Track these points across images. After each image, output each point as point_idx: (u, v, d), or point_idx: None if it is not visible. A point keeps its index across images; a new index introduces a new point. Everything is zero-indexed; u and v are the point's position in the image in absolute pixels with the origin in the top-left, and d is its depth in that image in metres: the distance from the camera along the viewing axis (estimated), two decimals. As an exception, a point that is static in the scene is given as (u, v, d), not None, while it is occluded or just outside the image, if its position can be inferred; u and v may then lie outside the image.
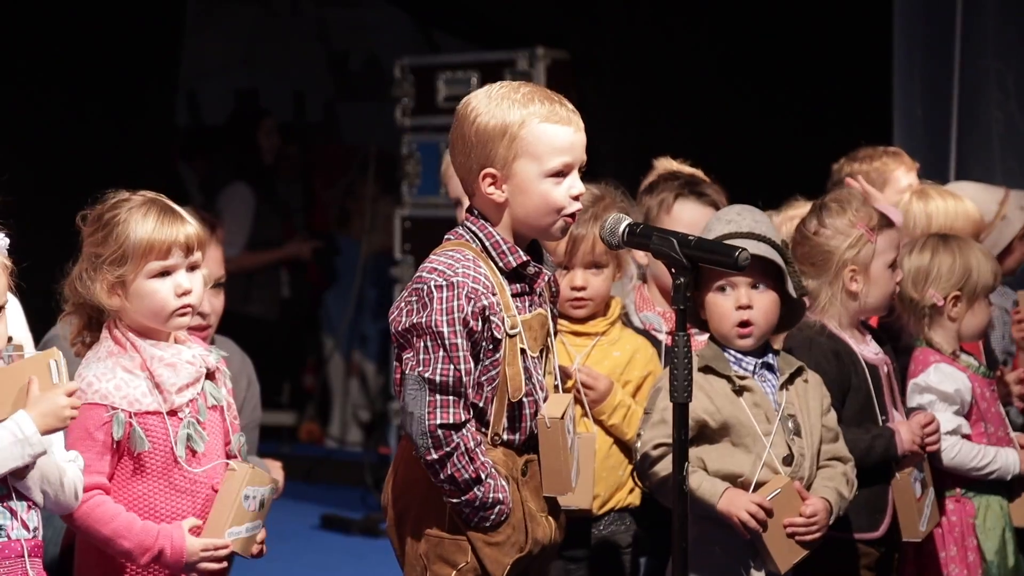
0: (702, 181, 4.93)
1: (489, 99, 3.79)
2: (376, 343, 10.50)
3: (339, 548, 8.07)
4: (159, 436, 3.77)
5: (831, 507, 4.24)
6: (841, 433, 4.40)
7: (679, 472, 3.67)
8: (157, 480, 3.78)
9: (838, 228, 4.62)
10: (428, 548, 3.82)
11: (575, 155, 3.79)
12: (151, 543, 3.72)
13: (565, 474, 3.84)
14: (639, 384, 4.56)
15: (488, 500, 3.75)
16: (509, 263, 3.80)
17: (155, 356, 3.80)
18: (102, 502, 3.72)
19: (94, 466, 3.71)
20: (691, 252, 3.71)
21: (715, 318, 4.28)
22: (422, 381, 3.71)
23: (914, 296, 4.86)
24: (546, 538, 3.88)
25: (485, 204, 3.82)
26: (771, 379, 4.31)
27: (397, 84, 8.61)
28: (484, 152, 3.76)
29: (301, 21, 12.53)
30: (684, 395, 3.66)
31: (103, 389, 3.74)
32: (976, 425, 4.85)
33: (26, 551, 3.55)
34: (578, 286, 4.50)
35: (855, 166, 5.81)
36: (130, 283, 3.77)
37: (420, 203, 8.53)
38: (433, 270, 3.76)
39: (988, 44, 6.91)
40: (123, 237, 3.76)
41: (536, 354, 3.86)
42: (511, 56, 8.18)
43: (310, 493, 8.98)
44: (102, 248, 3.77)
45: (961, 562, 4.78)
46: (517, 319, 3.79)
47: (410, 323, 3.74)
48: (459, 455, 3.71)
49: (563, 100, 3.82)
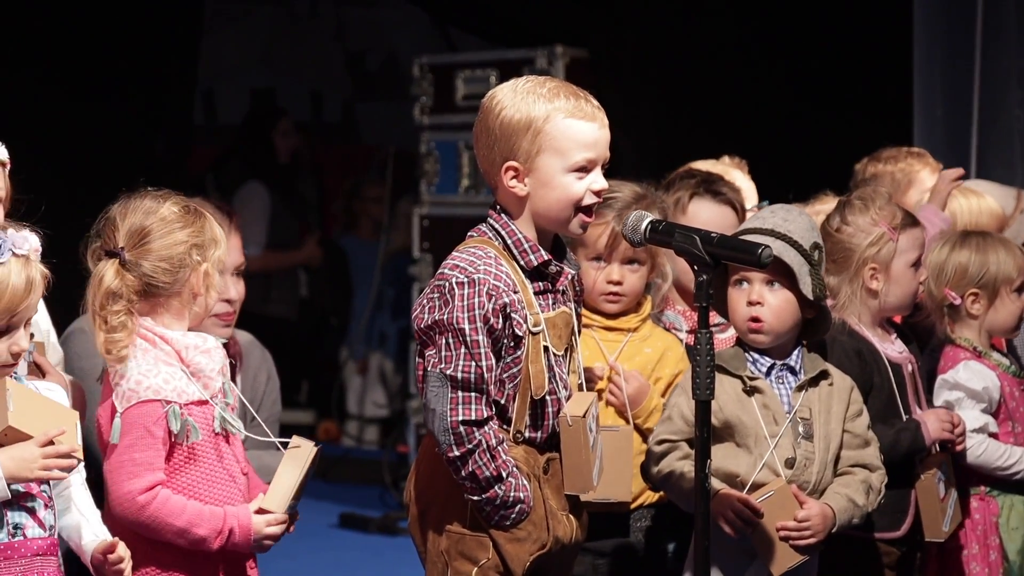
0: (719, 179, 4.90)
1: (515, 93, 3.79)
2: (395, 342, 10.50)
3: (357, 546, 8.08)
4: (205, 424, 3.79)
5: (832, 514, 4.15)
6: (873, 440, 4.33)
7: (702, 469, 3.67)
8: (206, 468, 3.80)
9: (860, 226, 4.61)
10: (449, 544, 3.82)
11: (599, 151, 3.79)
12: (222, 525, 3.74)
13: (587, 472, 3.83)
14: (670, 381, 4.54)
15: (509, 499, 3.75)
16: (531, 262, 3.80)
17: (189, 345, 3.81)
18: (168, 495, 3.72)
19: (155, 462, 3.72)
20: (714, 249, 3.71)
21: (732, 312, 4.27)
22: (444, 378, 3.72)
23: (935, 294, 4.85)
24: (567, 536, 3.88)
25: (507, 197, 3.82)
26: (791, 381, 4.26)
27: (416, 83, 8.61)
28: (508, 145, 3.76)
29: (319, 21, 12.55)
30: (707, 392, 3.66)
31: (154, 384, 3.73)
32: (1004, 424, 4.83)
33: (42, 550, 3.55)
34: (615, 280, 4.48)
35: (879, 167, 5.78)
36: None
37: (438, 201, 8.54)
38: (455, 267, 3.76)
39: (1009, 43, 6.90)
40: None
41: (560, 352, 3.85)
42: (530, 55, 8.17)
43: (328, 492, 8.97)
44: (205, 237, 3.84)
45: (983, 560, 4.76)
46: (540, 317, 3.78)
47: (432, 320, 3.74)
48: (480, 452, 3.71)
49: (588, 96, 3.82)
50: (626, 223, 3.85)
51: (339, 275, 10.94)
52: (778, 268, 4.15)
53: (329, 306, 10.95)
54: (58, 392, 3.70)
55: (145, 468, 3.70)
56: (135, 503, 3.69)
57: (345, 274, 10.96)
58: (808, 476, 4.20)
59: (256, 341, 4.85)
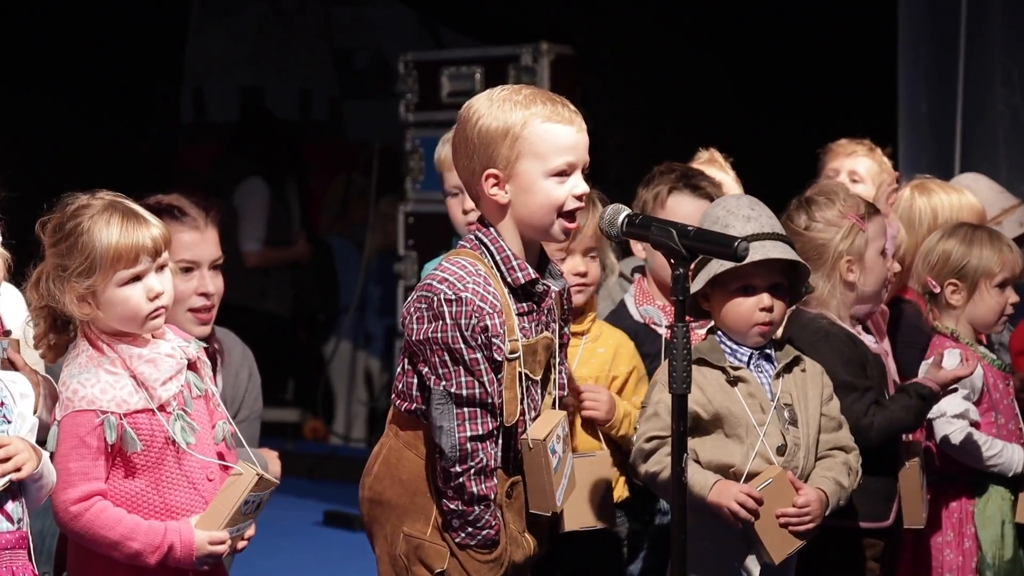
0: (698, 174, 4.90)
1: (491, 101, 3.79)
2: (380, 340, 10.49)
3: (342, 544, 8.06)
4: (150, 434, 3.74)
5: (826, 497, 4.22)
6: (845, 422, 4.38)
7: (678, 463, 3.66)
8: (150, 478, 3.75)
9: (829, 220, 4.61)
10: (408, 549, 3.83)
11: (578, 155, 3.79)
12: (160, 541, 3.69)
13: (550, 493, 3.85)
14: (625, 380, 4.55)
15: (482, 520, 3.78)
16: (518, 279, 3.79)
17: (133, 354, 3.76)
18: (104, 507, 3.69)
19: (91, 472, 3.68)
20: (690, 243, 3.71)
21: (736, 317, 4.26)
22: (447, 395, 3.73)
23: (921, 280, 4.90)
24: (524, 557, 3.91)
25: (489, 206, 3.82)
26: (768, 369, 4.30)
27: (401, 79, 8.61)
28: (487, 153, 3.76)
29: (307, 19, 12.52)
30: (683, 386, 3.65)
31: (89, 395, 3.70)
32: (987, 415, 4.84)
33: (10, 544, 3.53)
34: (581, 272, 4.49)
35: None
36: (101, 292, 3.72)
37: (423, 199, 8.52)
38: (443, 280, 3.75)
39: (993, 40, 6.90)
40: (89, 248, 3.69)
41: (537, 377, 3.86)
42: (515, 52, 8.17)
43: (313, 489, 8.97)
44: (68, 260, 3.71)
45: (957, 548, 4.79)
46: (519, 343, 3.78)
47: (424, 336, 3.74)
48: (478, 469, 3.73)
49: (565, 101, 3.82)
50: (603, 216, 3.85)
51: (326, 273, 10.93)
52: (779, 270, 4.23)
53: (317, 303, 10.95)
54: (22, 383, 3.67)
55: (80, 478, 3.67)
56: (68, 512, 3.67)
57: (332, 272, 10.96)
58: (797, 462, 4.24)
59: (237, 338, 4.82)
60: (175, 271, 3.88)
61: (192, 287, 4.40)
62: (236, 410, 4.61)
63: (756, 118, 8.12)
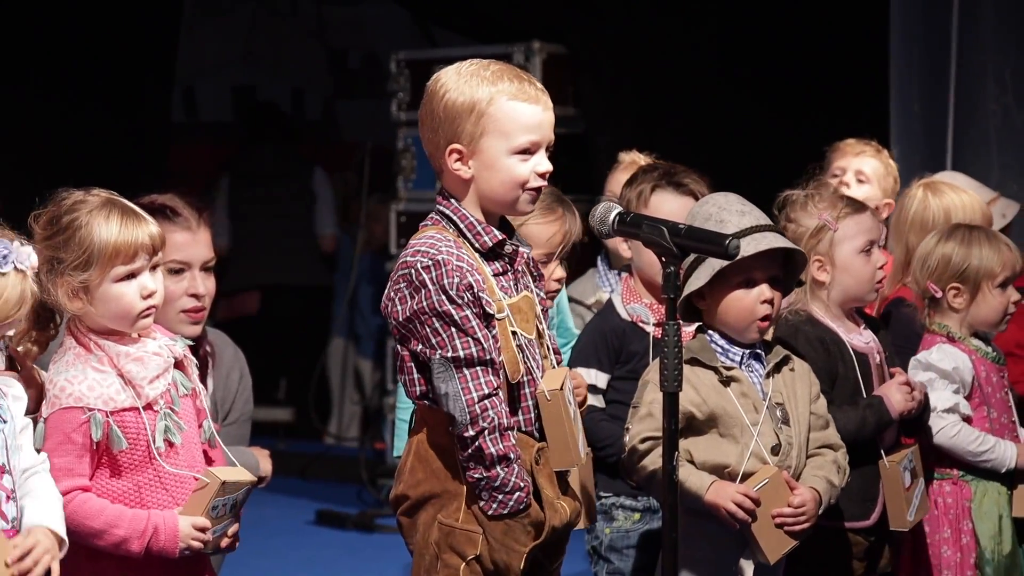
0: (681, 171, 4.90)
1: (459, 76, 3.78)
2: (372, 339, 10.48)
3: (334, 544, 8.06)
4: (136, 432, 3.74)
5: (820, 497, 4.23)
6: (832, 420, 4.39)
7: (669, 461, 3.66)
8: (137, 476, 3.75)
9: (801, 220, 4.65)
10: (440, 536, 3.78)
11: (543, 133, 3.78)
12: (144, 526, 3.69)
13: (573, 446, 3.81)
14: None
15: (509, 483, 3.71)
16: (485, 243, 3.79)
17: (120, 352, 3.75)
18: (87, 498, 3.69)
19: (75, 469, 3.68)
20: (681, 240, 3.71)
21: (738, 312, 4.27)
22: (446, 361, 3.70)
23: (920, 285, 4.88)
24: (562, 523, 3.85)
25: (452, 180, 3.82)
26: (758, 368, 4.31)
27: (393, 78, 8.60)
28: (452, 128, 3.75)
29: (299, 18, 12.53)
30: (675, 384, 3.65)
31: (77, 392, 3.69)
32: (979, 409, 4.83)
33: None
34: (560, 277, 4.58)
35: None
36: (95, 288, 3.71)
37: (415, 197, 8.52)
38: (416, 252, 3.75)
39: (985, 39, 6.90)
40: (87, 242, 3.69)
41: (531, 336, 3.84)
42: (508, 50, 8.15)
43: (305, 489, 8.97)
44: (63, 252, 3.71)
45: (954, 544, 4.77)
46: (504, 303, 3.77)
47: (410, 311, 3.72)
48: (492, 428, 3.69)
49: (532, 79, 3.82)
50: (593, 214, 3.84)
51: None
52: (778, 261, 4.24)
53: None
54: (16, 387, 3.65)
55: (64, 474, 3.66)
56: None
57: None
58: (791, 461, 4.25)
59: (229, 340, 4.80)
60: (163, 272, 3.87)
61: (183, 288, 4.39)
62: (227, 411, 4.60)
63: (748, 118, 8.12)
